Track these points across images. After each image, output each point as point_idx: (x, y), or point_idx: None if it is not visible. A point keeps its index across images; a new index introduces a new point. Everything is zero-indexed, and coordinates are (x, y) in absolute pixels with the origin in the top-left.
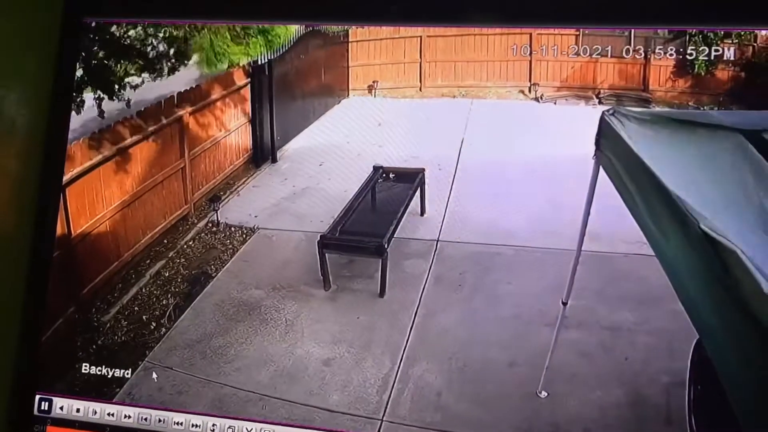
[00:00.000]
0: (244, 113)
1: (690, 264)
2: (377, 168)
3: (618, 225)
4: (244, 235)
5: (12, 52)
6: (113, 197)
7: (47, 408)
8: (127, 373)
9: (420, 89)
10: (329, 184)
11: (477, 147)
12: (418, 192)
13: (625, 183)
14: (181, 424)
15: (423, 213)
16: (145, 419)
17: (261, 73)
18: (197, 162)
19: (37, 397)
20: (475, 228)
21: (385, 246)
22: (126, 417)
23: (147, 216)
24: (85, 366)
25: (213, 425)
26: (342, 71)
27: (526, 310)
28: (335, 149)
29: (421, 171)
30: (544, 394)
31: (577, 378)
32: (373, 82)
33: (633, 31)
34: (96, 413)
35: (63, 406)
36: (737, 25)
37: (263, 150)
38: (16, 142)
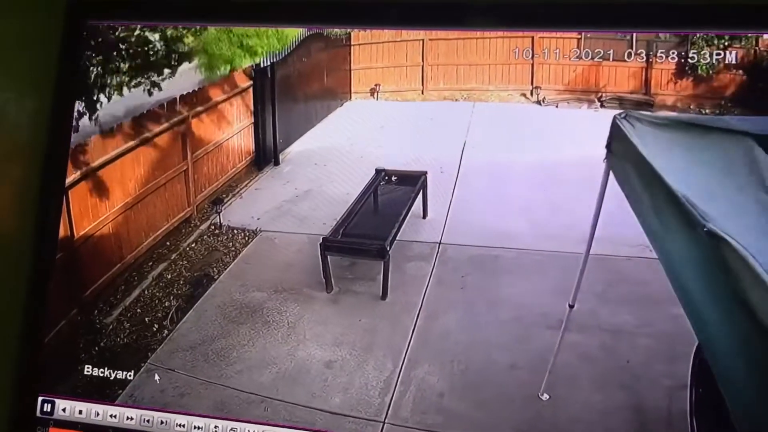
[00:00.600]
0: (246, 116)
1: (694, 264)
2: (379, 171)
3: (621, 228)
4: (246, 238)
5: (14, 54)
6: (116, 199)
7: (50, 409)
8: (130, 375)
9: (422, 92)
10: (331, 186)
11: (479, 150)
12: (420, 195)
13: (633, 185)
14: (184, 426)
15: (425, 216)
16: (148, 421)
17: (263, 76)
18: (200, 164)
19: (40, 399)
20: (477, 231)
21: (388, 248)
22: (128, 419)
23: (150, 218)
24: (88, 368)
25: (215, 427)
26: (344, 74)
27: (527, 312)
28: (337, 152)
29: (424, 174)
30: (545, 396)
31: (579, 381)
32: (376, 85)
33: (635, 35)
34: (98, 415)
35: (65, 407)
36: (739, 29)
37: (266, 152)
38: (18, 144)
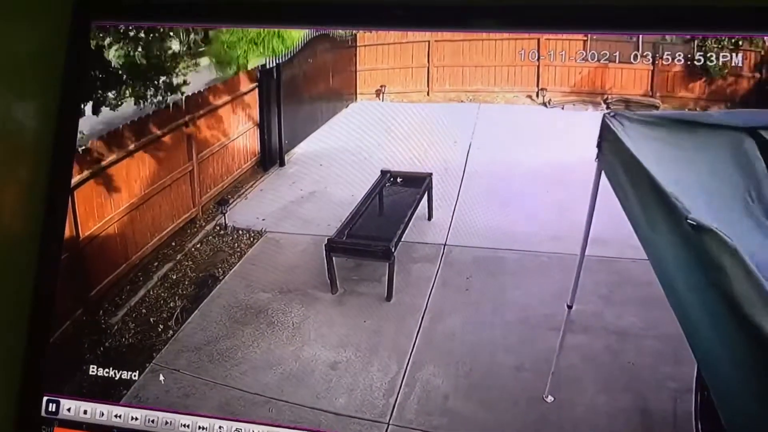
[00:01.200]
0: (252, 117)
1: (680, 259)
2: (385, 172)
3: (625, 229)
4: (251, 239)
5: (21, 54)
6: (121, 200)
7: (55, 409)
8: (135, 375)
9: (428, 94)
10: (337, 188)
11: (484, 151)
12: (425, 196)
13: (621, 182)
14: (188, 426)
15: (430, 217)
16: (152, 421)
17: (269, 77)
18: (205, 165)
19: (45, 399)
20: (483, 232)
21: (393, 250)
22: (133, 419)
23: (155, 219)
24: (93, 368)
25: (220, 427)
26: (350, 75)
27: (532, 314)
28: (343, 153)
29: (429, 175)
30: (550, 398)
31: (584, 383)
32: (381, 86)
33: (641, 37)
34: (103, 415)
35: (70, 407)
36: (746, 31)
37: (271, 153)
38: (24, 144)
